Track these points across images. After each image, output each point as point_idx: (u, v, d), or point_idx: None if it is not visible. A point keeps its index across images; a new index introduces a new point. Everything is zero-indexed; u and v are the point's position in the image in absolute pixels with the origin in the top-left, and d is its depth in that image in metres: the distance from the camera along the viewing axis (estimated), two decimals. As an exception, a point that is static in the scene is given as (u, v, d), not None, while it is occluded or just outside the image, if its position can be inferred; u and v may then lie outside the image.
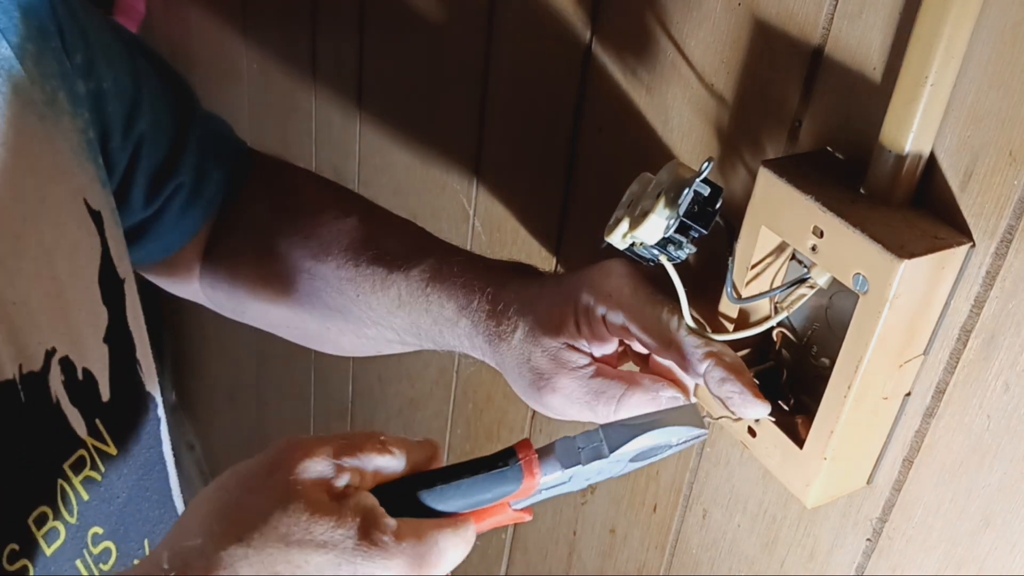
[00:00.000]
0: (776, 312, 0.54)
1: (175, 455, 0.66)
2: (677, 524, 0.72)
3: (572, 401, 0.55)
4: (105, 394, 0.55)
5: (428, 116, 0.93)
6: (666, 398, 0.53)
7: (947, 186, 0.48)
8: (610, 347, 0.56)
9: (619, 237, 0.51)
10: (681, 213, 0.47)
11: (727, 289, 0.54)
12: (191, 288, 0.72)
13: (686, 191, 0.47)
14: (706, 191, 0.47)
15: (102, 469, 0.55)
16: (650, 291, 0.55)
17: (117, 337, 0.57)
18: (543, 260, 0.80)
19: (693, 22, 0.60)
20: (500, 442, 0.93)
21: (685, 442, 0.50)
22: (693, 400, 0.56)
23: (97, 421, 0.54)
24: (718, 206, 0.47)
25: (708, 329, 0.55)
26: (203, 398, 2.15)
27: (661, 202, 0.48)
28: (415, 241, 0.66)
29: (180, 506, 0.65)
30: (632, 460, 0.49)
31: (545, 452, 0.47)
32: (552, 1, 0.72)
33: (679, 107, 0.62)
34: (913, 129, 0.46)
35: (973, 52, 0.45)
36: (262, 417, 1.74)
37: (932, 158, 0.48)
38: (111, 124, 0.59)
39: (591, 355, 0.56)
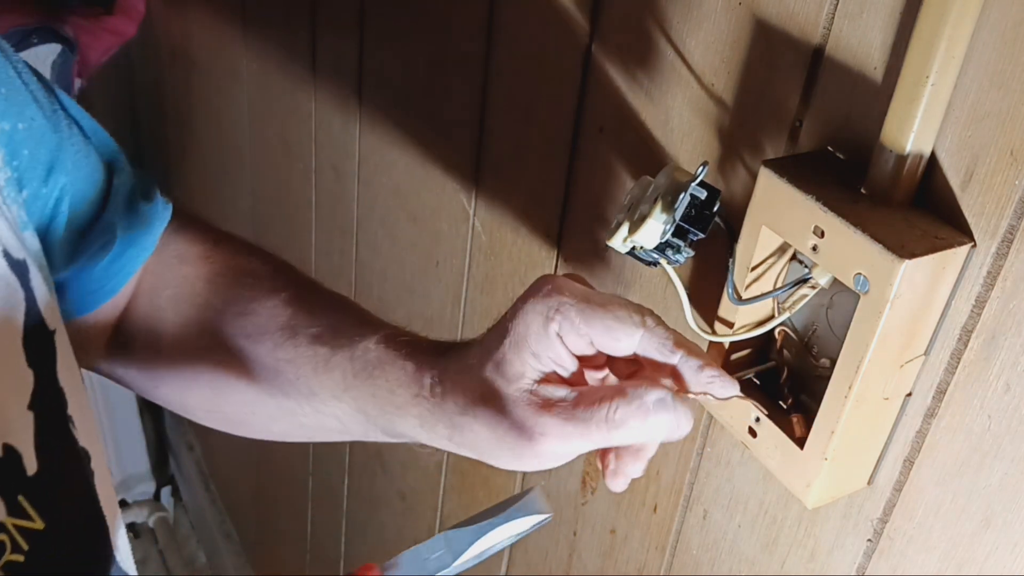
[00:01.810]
0: (779, 313, 0.54)
1: (175, 458, 0.64)
2: (677, 524, 0.72)
3: (566, 439, 0.51)
4: (31, 467, 0.50)
5: (428, 116, 0.93)
6: (653, 402, 0.49)
7: (948, 186, 0.48)
8: (573, 365, 0.53)
9: (619, 241, 0.51)
10: (678, 218, 0.47)
11: (728, 291, 0.54)
12: (95, 356, 0.66)
13: (682, 195, 0.47)
14: (703, 195, 0.47)
15: (25, 547, 0.50)
16: (594, 293, 0.51)
17: (45, 399, 0.51)
18: (543, 260, 0.80)
19: (693, 22, 0.60)
20: (500, 442, 0.93)
21: (532, 527, 0.49)
22: (536, 492, 0.53)
23: (20, 498, 0.49)
24: (716, 208, 0.47)
25: (711, 331, 0.55)
26: (203, 398, 2.15)
27: (658, 207, 0.48)
28: (359, 318, 0.61)
29: (128, 566, 0.59)
30: (479, 556, 0.48)
31: (390, 568, 0.47)
32: (552, 1, 0.72)
33: (679, 107, 0.62)
34: (914, 129, 0.46)
35: (974, 52, 0.45)
36: (262, 417, 1.74)
37: (933, 158, 0.48)
38: (28, 169, 0.54)
39: (565, 380, 0.52)
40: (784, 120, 0.55)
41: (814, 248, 0.49)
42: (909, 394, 0.52)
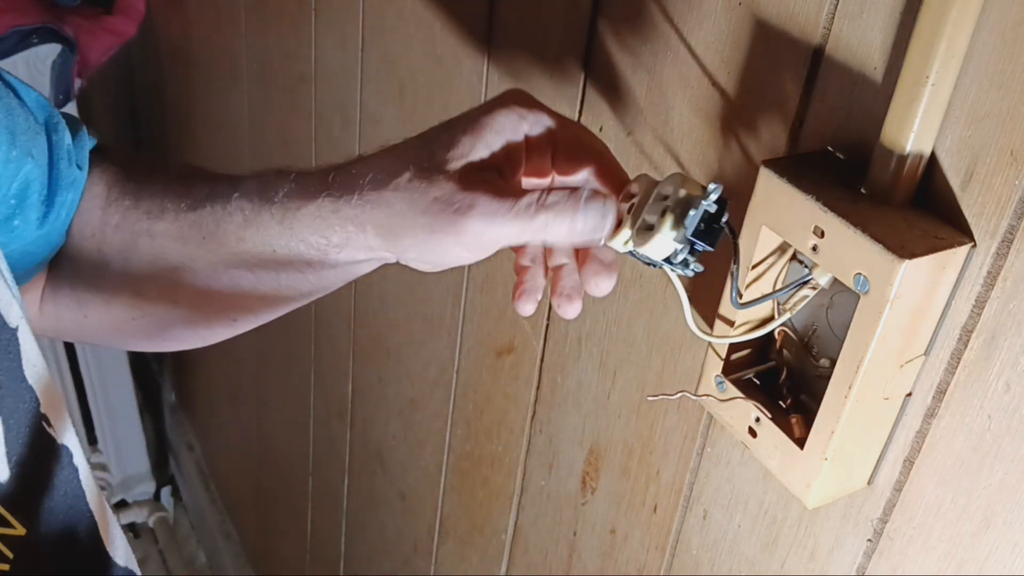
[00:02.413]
0: (779, 314, 0.54)
1: (175, 458, 0.63)
2: (677, 525, 0.72)
3: (492, 218, 0.47)
4: (3, 473, 0.48)
5: (428, 116, 0.93)
6: (587, 192, 0.47)
7: (948, 186, 0.48)
8: (518, 164, 0.50)
9: (620, 243, 0.50)
10: (689, 234, 0.46)
11: (731, 294, 0.54)
12: (34, 310, 0.64)
13: (693, 212, 0.46)
14: (713, 209, 0.46)
15: (10, 556, 0.49)
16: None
17: (12, 400, 0.50)
18: (543, 260, 0.80)
19: (693, 22, 0.60)
20: (500, 442, 0.93)
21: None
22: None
23: None
24: (724, 221, 0.47)
25: (710, 332, 0.55)
26: (203, 398, 2.15)
27: (667, 221, 0.47)
28: (243, 173, 0.57)
29: (121, 557, 0.58)
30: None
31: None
32: (552, 1, 0.72)
33: (679, 107, 0.62)
34: (914, 129, 0.46)
35: (974, 52, 0.45)
36: (262, 417, 1.74)
37: (933, 158, 0.48)
38: None
39: (496, 168, 0.49)
40: (784, 120, 0.55)
41: (814, 248, 0.49)
42: (909, 394, 0.52)
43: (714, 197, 0.45)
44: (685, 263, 0.48)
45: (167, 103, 1.82)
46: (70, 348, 2.10)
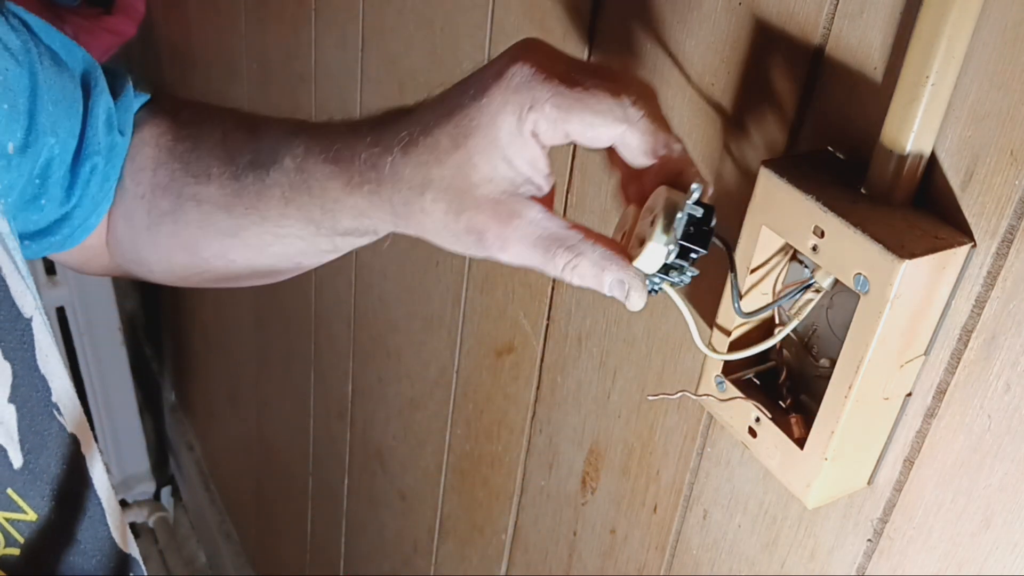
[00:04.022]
0: (787, 320, 0.54)
1: (175, 458, 0.64)
2: (677, 525, 0.72)
3: (520, 260, 0.47)
4: (16, 459, 0.50)
5: (428, 116, 0.93)
6: (610, 282, 0.47)
7: (948, 186, 0.48)
8: (547, 166, 0.47)
9: None
10: (679, 236, 0.47)
11: (733, 305, 0.54)
12: (104, 262, 0.66)
13: (679, 215, 0.46)
14: (699, 212, 0.46)
15: (20, 540, 0.50)
16: (571, 72, 0.45)
17: (26, 389, 0.51)
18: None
19: (693, 22, 0.60)
20: (500, 442, 0.93)
21: None
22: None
23: (9, 491, 0.49)
24: (713, 223, 0.47)
25: (724, 349, 0.55)
26: (203, 398, 2.15)
27: (657, 228, 0.47)
28: (287, 129, 0.58)
29: (130, 546, 0.59)
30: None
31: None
32: (552, 1, 0.72)
33: (679, 106, 0.62)
34: (914, 129, 0.46)
35: (974, 52, 0.45)
36: (262, 417, 1.74)
37: (933, 158, 0.48)
38: (5, 128, 0.53)
39: (535, 196, 0.47)
40: (784, 120, 0.55)
41: (814, 248, 0.49)
42: (909, 394, 0.52)
43: (696, 196, 0.46)
44: (681, 269, 0.49)
45: (167, 103, 1.81)
46: (70, 348, 2.11)
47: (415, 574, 1.21)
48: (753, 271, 0.54)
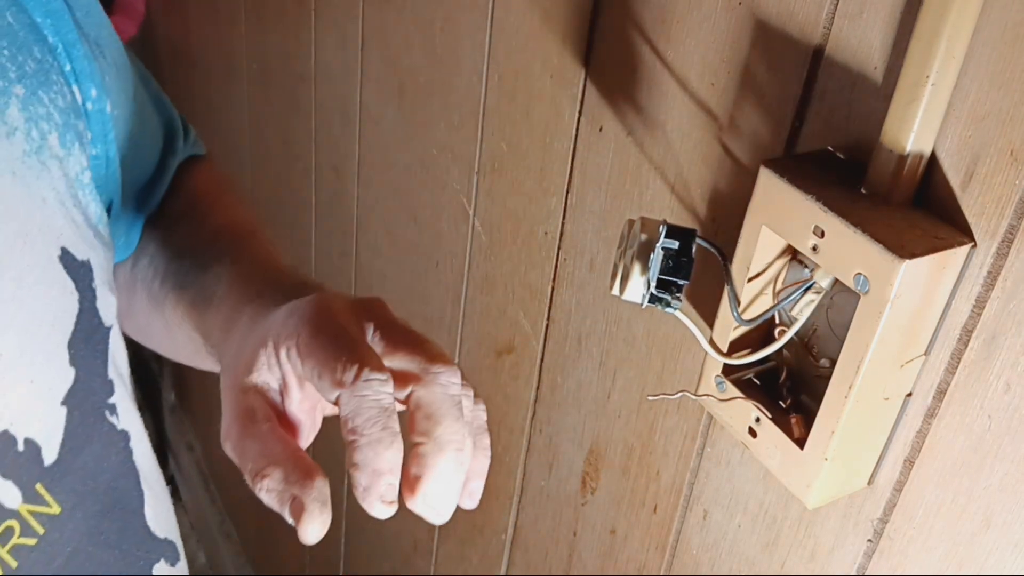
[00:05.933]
0: (788, 321, 0.54)
1: (175, 458, 0.65)
2: (677, 525, 0.72)
3: (232, 451, 0.48)
4: (50, 457, 0.50)
5: (428, 116, 0.93)
6: (289, 511, 0.48)
7: (948, 186, 0.48)
8: (297, 391, 0.50)
9: (618, 291, 0.51)
10: (654, 274, 0.47)
11: (732, 314, 0.54)
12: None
13: (651, 255, 0.46)
14: (675, 245, 0.46)
15: (40, 532, 0.50)
16: (336, 331, 0.46)
17: (84, 394, 0.52)
18: (543, 261, 0.80)
19: (693, 22, 0.60)
20: (500, 442, 0.93)
21: None
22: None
23: (38, 486, 0.50)
24: (693, 252, 0.47)
25: (732, 356, 0.55)
26: (203, 398, 2.15)
27: (636, 266, 0.47)
28: (239, 234, 0.64)
29: (162, 530, 0.61)
30: None
31: None
32: (552, 0, 0.72)
33: (679, 106, 0.62)
34: (914, 129, 0.46)
35: (974, 52, 0.45)
36: (262, 417, 1.74)
37: (933, 158, 0.48)
38: (111, 153, 0.56)
39: (277, 406, 0.49)
40: (784, 120, 0.55)
41: (814, 248, 0.49)
42: (909, 394, 0.52)
43: (664, 236, 0.46)
44: (666, 302, 0.49)
45: (167, 103, 1.81)
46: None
47: (415, 574, 1.21)
48: (753, 272, 0.54)
